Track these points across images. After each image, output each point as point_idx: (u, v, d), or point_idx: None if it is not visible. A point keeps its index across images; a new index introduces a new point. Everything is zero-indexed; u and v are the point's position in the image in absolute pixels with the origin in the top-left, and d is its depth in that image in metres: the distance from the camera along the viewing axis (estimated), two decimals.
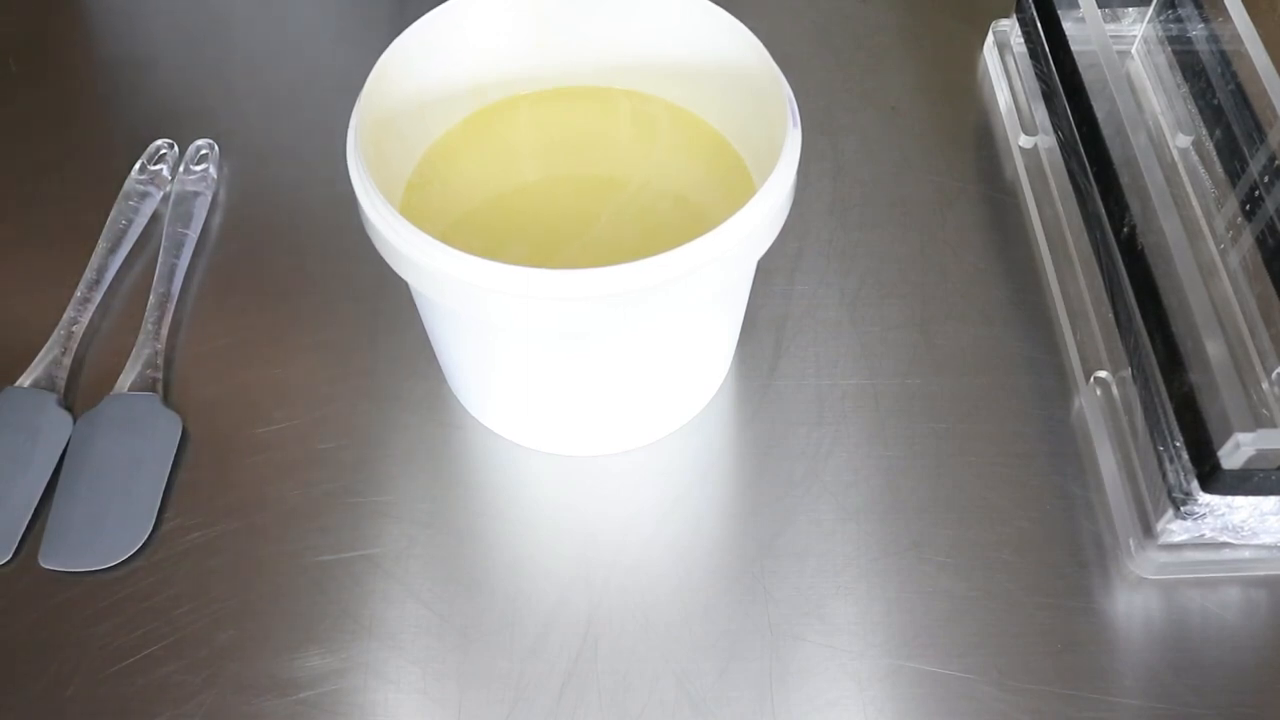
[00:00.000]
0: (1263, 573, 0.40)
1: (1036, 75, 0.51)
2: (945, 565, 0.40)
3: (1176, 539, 0.39)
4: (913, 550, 0.41)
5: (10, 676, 0.38)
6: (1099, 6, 0.47)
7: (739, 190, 0.42)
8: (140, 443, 0.42)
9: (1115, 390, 0.43)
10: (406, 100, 0.41)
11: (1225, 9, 0.47)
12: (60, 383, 0.44)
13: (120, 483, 0.41)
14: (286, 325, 0.46)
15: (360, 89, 0.37)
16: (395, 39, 0.39)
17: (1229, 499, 0.36)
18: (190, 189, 0.50)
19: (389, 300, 0.46)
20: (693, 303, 0.35)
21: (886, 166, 0.52)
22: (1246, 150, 0.46)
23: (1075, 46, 0.47)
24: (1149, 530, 0.39)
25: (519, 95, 0.45)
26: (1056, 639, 0.39)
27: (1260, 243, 0.44)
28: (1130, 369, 0.41)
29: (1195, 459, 0.36)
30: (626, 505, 0.42)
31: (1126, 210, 0.41)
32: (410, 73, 0.40)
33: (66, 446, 0.42)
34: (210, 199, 0.50)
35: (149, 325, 0.45)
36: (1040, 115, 0.51)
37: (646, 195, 0.42)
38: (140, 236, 0.49)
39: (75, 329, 0.45)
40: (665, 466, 0.43)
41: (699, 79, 0.43)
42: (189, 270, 0.48)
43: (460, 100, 0.43)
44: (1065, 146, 0.47)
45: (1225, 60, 0.48)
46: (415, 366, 0.45)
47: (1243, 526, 0.38)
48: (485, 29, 0.42)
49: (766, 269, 0.47)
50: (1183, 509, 0.37)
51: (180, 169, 0.51)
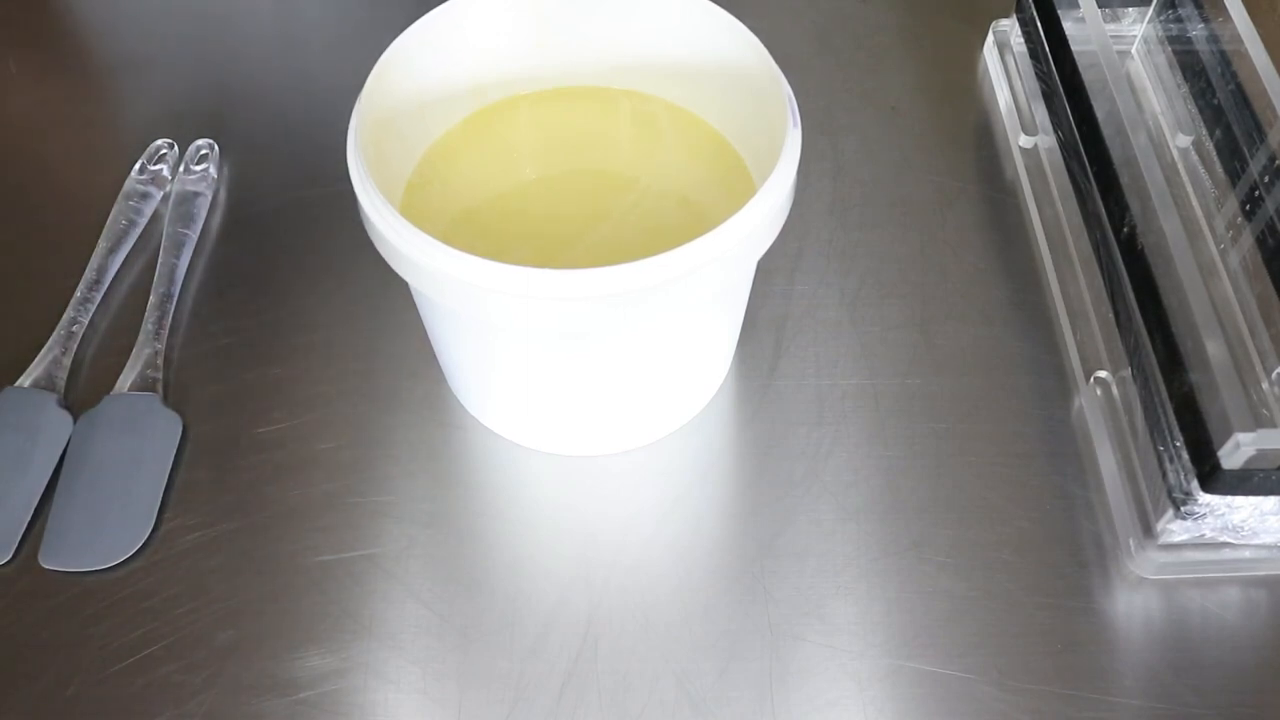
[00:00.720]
0: (1263, 573, 0.40)
1: (1036, 75, 0.51)
2: (945, 565, 0.40)
3: (1176, 539, 0.39)
4: (913, 550, 0.41)
5: (10, 676, 0.38)
6: (1099, 6, 0.47)
7: (739, 190, 0.42)
8: (140, 443, 0.42)
9: (1115, 390, 0.43)
10: (406, 100, 0.41)
11: (1225, 9, 0.47)
12: (60, 383, 0.44)
13: (120, 483, 0.41)
14: (286, 325, 0.46)
15: (360, 89, 0.38)
16: (395, 39, 0.39)
17: (1229, 499, 0.36)
18: (190, 189, 0.50)
19: (389, 300, 0.46)
20: (693, 303, 0.35)
21: (886, 166, 0.52)
22: (1246, 150, 0.46)
23: (1075, 46, 0.47)
24: (1149, 530, 0.39)
25: (519, 95, 0.45)
26: (1056, 639, 0.39)
27: (1260, 243, 0.44)
28: (1130, 369, 0.41)
29: (1195, 459, 0.36)
30: (626, 505, 0.42)
31: (1126, 210, 0.41)
32: (410, 73, 0.40)
33: (66, 446, 0.42)
34: (210, 199, 0.50)
35: (149, 325, 0.45)
36: (1040, 115, 0.51)
37: (646, 195, 0.42)
38: (140, 236, 0.49)
39: (75, 329, 0.45)
40: (665, 466, 0.43)
41: (699, 79, 0.43)
42: (189, 270, 0.48)
43: (460, 100, 0.43)
44: (1065, 146, 0.47)
45: (1225, 60, 0.48)
46: (415, 366, 0.45)
47: (1243, 526, 0.38)
48: (485, 29, 0.42)
49: (766, 269, 0.47)
50: (1183, 509, 0.37)
51: (180, 169, 0.51)
